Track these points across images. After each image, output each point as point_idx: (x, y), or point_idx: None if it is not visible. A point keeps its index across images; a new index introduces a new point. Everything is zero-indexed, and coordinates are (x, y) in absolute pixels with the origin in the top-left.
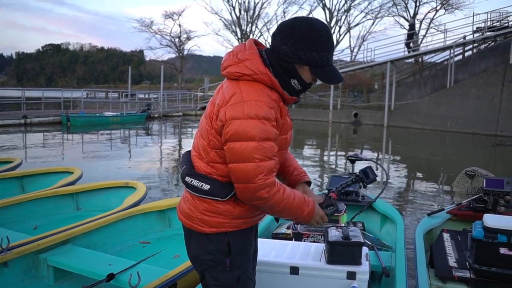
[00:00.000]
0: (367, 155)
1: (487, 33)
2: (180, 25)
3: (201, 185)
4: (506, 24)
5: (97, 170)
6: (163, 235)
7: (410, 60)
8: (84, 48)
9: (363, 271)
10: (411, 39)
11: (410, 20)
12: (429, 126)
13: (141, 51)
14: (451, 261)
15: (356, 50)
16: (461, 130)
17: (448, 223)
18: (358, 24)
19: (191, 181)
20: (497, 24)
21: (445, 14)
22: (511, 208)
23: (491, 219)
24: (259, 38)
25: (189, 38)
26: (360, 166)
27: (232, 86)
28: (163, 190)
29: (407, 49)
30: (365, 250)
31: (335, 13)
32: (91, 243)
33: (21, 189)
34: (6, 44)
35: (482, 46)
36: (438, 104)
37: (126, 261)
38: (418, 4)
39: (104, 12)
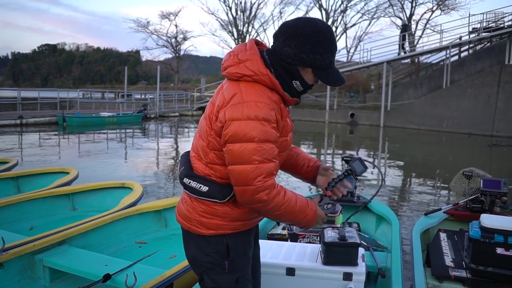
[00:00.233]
0: (362, 155)
1: (483, 34)
2: (176, 26)
3: (200, 186)
4: (502, 25)
5: (93, 170)
6: (160, 235)
7: (407, 61)
8: (80, 48)
9: (359, 272)
10: (404, 41)
11: (402, 21)
12: (425, 126)
13: (138, 52)
14: (448, 260)
15: (352, 50)
16: (457, 130)
17: (445, 223)
18: (354, 25)
19: (190, 182)
20: (493, 25)
21: (441, 14)
22: (507, 209)
23: (488, 219)
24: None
25: (185, 39)
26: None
27: (232, 86)
28: (160, 191)
29: (400, 50)
30: (361, 251)
31: (332, 14)
32: (87, 243)
33: (17, 189)
34: (1, 44)
35: (478, 47)
36: (434, 104)
37: (122, 261)
38: (414, 4)
39: (100, 13)
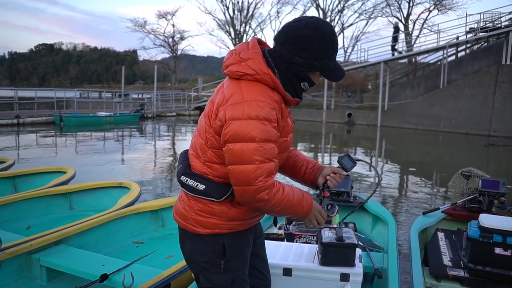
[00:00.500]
0: (359, 155)
1: (480, 33)
2: (173, 25)
3: (196, 184)
4: (499, 25)
5: (90, 170)
6: (157, 235)
7: (404, 61)
8: (77, 48)
9: (356, 272)
10: (396, 42)
11: (394, 23)
12: (422, 126)
13: (135, 51)
14: (446, 260)
15: (349, 50)
16: (454, 130)
17: (443, 222)
18: (351, 25)
19: (187, 180)
20: (490, 24)
21: (438, 14)
22: (505, 209)
23: (487, 219)
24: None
25: (182, 38)
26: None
27: (233, 85)
28: (157, 190)
29: (392, 51)
30: (358, 251)
31: (329, 14)
32: (84, 243)
33: (13, 189)
34: None
35: (475, 47)
36: (431, 104)
37: (119, 261)
38: (411, 4)
39: (97, 12)
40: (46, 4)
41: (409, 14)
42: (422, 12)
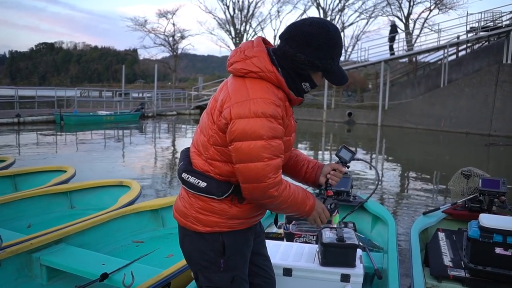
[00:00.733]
0: (359, 153)
1: (481, 33)
2: (174, 24)
3: (198, 182)
4: (500, 24)
5: (90, 168)
6: (157, 234)
7: (404, 60)
8: (77, 47)
9: (357, 273)
10: (393, 42)
11: (391, 22)
12: (422, 125)
13: (135, 50)
14: (446, 260)
15: (350, 49)
16: (455, 129)
17: (443, 222)
18: (352, 24)
19: (188, 177)
20: (491, 24)
21: (439, 14)
22: (506, 208)
23: (487, 219)
24: (253, 37)
25: (183, 37)
26: (352, 163)
27: (237, 83)
28: (157, 189)
29: (390, 51)
30: (359, 252)
31: (329, 13)
32: (85, 242)
33: (14, 188)
34: None
35: (476, 46)
36: (432, 103)
37: (119, 260)
38: (412, 3)
39: (97, 11)
40: (46, 3)
41: (409, 13)
42: (423, 11)
